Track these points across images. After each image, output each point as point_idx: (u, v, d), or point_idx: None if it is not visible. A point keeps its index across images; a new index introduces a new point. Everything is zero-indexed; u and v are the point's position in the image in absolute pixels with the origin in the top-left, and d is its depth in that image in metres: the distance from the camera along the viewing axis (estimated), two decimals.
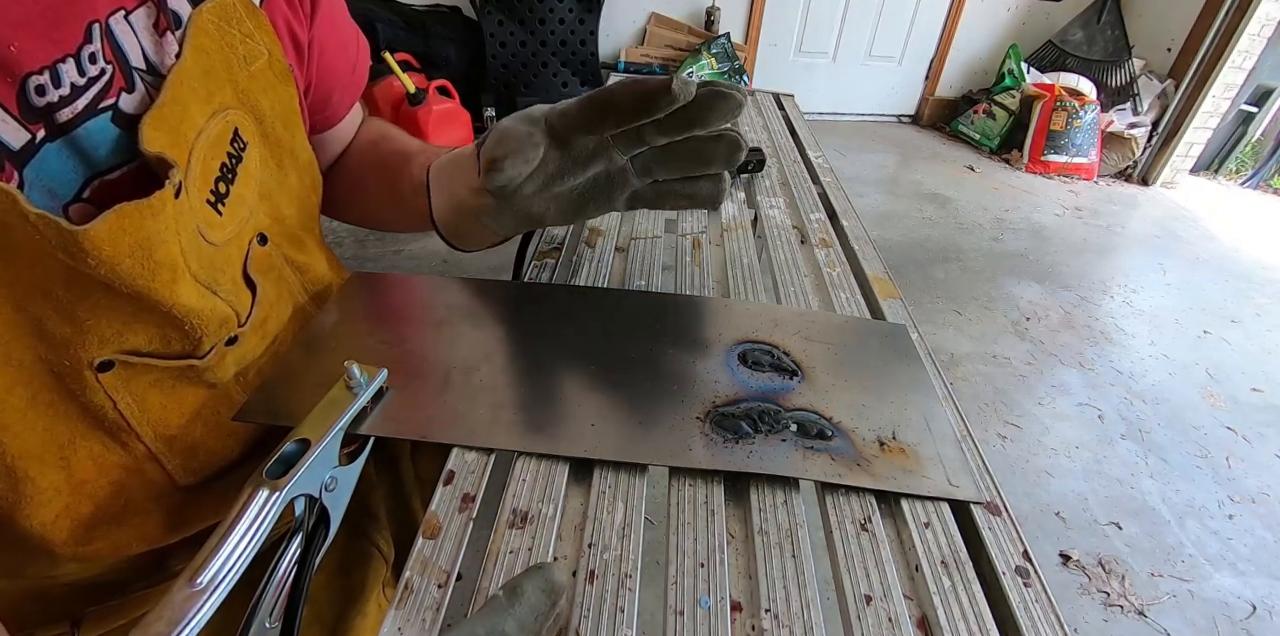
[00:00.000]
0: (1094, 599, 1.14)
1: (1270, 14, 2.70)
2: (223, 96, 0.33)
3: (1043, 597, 0.30)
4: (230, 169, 0.34)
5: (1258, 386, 1.75)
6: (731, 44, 2.83)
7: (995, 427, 1.50)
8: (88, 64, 0.27)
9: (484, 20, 2.48)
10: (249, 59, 0.35)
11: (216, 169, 0.33)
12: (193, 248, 0.31)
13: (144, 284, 0.28)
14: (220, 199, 0.33)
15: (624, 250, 0.56)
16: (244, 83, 0.35)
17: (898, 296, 0.52)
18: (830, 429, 0.37)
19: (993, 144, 3.24)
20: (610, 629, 0.27)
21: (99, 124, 0.28)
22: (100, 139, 0.28)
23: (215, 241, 0.34)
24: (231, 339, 0.36)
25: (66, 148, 0.27)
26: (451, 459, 0.34)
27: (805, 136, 0.91)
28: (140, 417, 0.33)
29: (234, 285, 0.36)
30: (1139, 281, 2.24)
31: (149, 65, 0.30)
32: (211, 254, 0.33)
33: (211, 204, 0.33)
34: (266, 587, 0.26)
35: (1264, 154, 3.22)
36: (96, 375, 0.30)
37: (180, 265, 0.30)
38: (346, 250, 1.92)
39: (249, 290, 0.38)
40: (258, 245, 0.38)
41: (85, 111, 0.27)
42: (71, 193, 0.28)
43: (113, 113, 0.29)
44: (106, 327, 0.29)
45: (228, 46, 0.33)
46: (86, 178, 0.28)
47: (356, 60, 0.48)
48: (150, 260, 0.28)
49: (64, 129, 0.27)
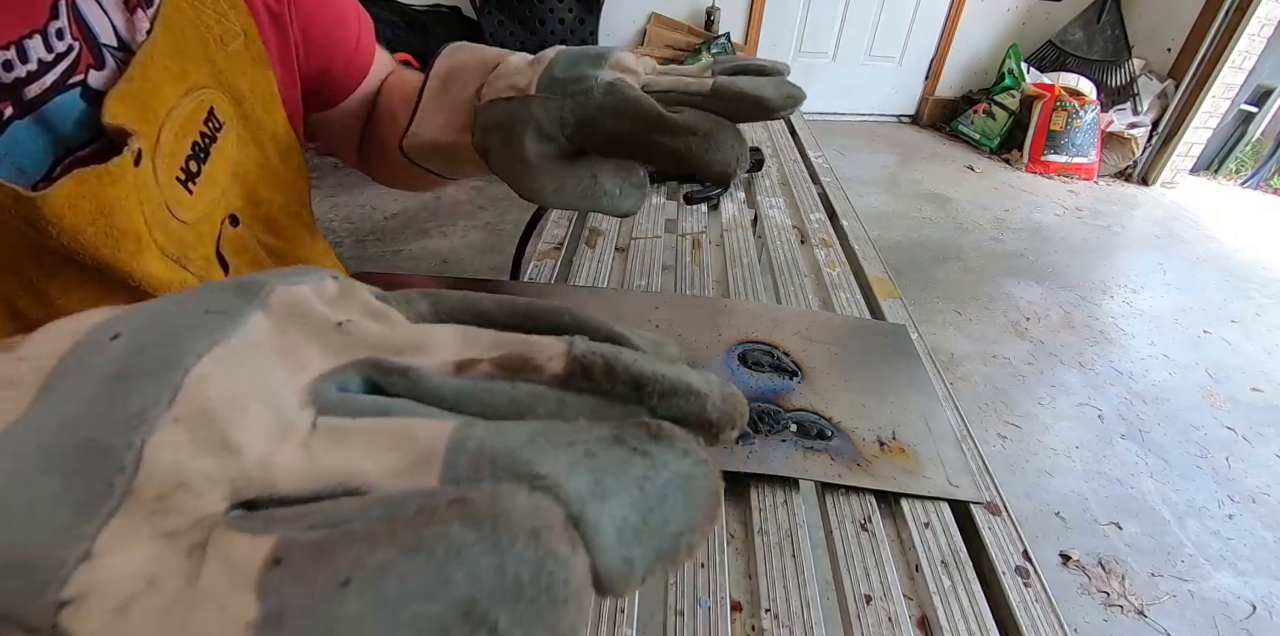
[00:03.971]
0: (1094, 599, 1.14)
1: (1270, 14, 2.70)
2: (198, 75, 0.33)
3: (1043, 597, 0.30)
4: (203, 148, 0.34)
5: (1258, 386, 1.76)
6: (731, 44, 2.84)
7: (995, 427, 1.50)
8: (55, 40, 0.27)
9: (484, 20, 2.48)
10: (225, 39, 0.34)
11: (188, 148, 0.33)
12: (158, 221, 0.31)
13: (109, 254, 0.28)
14: (191, 177, 0.33)
15: (624, 250, 0.56)
16: (221, 63, 0.34)
17: (898, 296, 0.52)
18: (830, 429, 0.37)
19: (993, 144, 3.24)
20: (610, 629, 0.27)
21: (68, 100, 0.28)
22: (69, 115, 0.28)
23: (185, 219, 0.33)
24: None
25: (35, 124, 0.27)
26: None
27: (805, 136, 0.91)
28: None
29: (206, 262, 0.35)
30: (1139, 281, 2.24)
31: (120, 42, 0.30)
32: (180, 230, 0.33)
33: (182, 182, 0.32)
34: None
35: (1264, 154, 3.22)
36: None
37: (145, 236, 0.30)
38: (346, 250, 1.92)
39: (222, 270, 0.37)
40: (229, 226, 0.38)
41: (53, 87, 0.27)
42: (41, 170, 0.28)
43: (82, 89, 0.28)
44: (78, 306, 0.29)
45: (203, 26, 0.33)
46: (57, 155, 0.28)
47: (358, 31, 0.47)
48: (113, 228, 0.28)
49: (32, 105, 0.27)
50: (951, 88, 3.56)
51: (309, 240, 0.46)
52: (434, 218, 2.12)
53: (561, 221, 0.59)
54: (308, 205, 0.46)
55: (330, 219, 2.08)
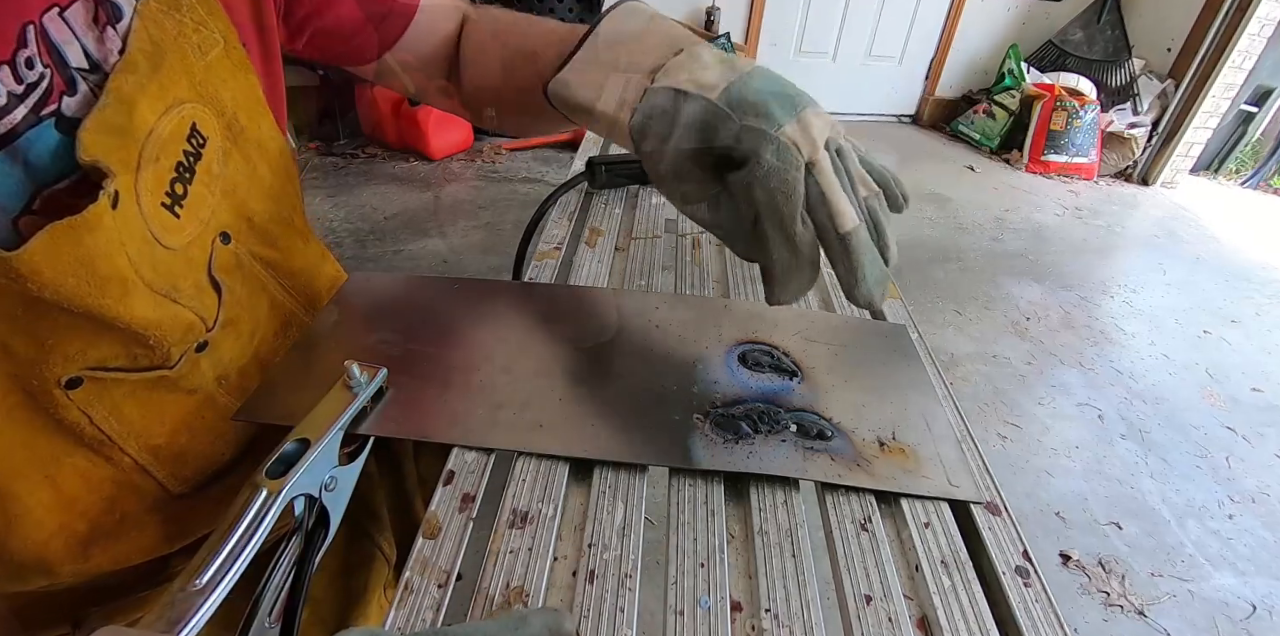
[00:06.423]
0: (1094, 599, 1.14)
1: (1270, 14, 2.70)
2: (177, 90, 0.31)
3: (1043, 597, 0.30)
4: (188, 168, 0.32)
5: (1258, 386, 1.76)
6: (731, 44, 2.83)
7: (995, 427, 1.50)
8: (24, 70, 0.26)
9: None
10: (204, 49, 0.33)
11: (172, 169, 0.31)
12: (144, 256, 0.30)
13: (94, 302, 0.27)
14: (177, 201, 0.32)
15: (624, 250, 0.56)
16: (200, 74, 0.33)
17: (897, 297, 0.52)
18: (830, 429, 0.37)
19: (993, 144, 3.24)
20: (610, 629, 0.27)
21: (41, 133, 0.27)
22: (44, 148, 0.27)
23: (173, 246, 0.32)
24: (201, 345, 0.35)
25: (8, 160, 0.26)
26: (451, 459, 0.34)
27: None
28: (121, 430, 0.32)
29: (196, 289, 0.34)
30: (1139, 281, 2.24)
31: (91, 63, 0.28)
32: (169, 259, 0.32)
33: (168, 207, 0.31)
34: (266, 588, 0.26)
35: (1264, 154, 3.22)
36: (66, 393, 0.29)
37: (130, 277, 0.29)
38: (346, 250, 1.92)
39: (215, 292, 0.36)
40: (221, 244, 0.36)
41: (25, 121, 0.26)
42: (19, 205, 0.27)
43: (55, 119, 0.27)
44: (69, 345, 0.28)
45: (180, 36, 0.31)
46: (34, 189, 0.27)
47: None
48: (95, 277, 0.27)
49: (4, 141, 0.26)
50: (951, 88, 3.56)
51: (303, 246, 0.46)
52: (434, 218, 2.12)
53: (562, 221, 0.59)
54: (300, 210, 0.45)
55: (330, 219, 2.07)
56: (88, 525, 0.32)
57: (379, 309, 0.45)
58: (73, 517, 0.32)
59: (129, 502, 0.34)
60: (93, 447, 0.32)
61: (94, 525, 0.33)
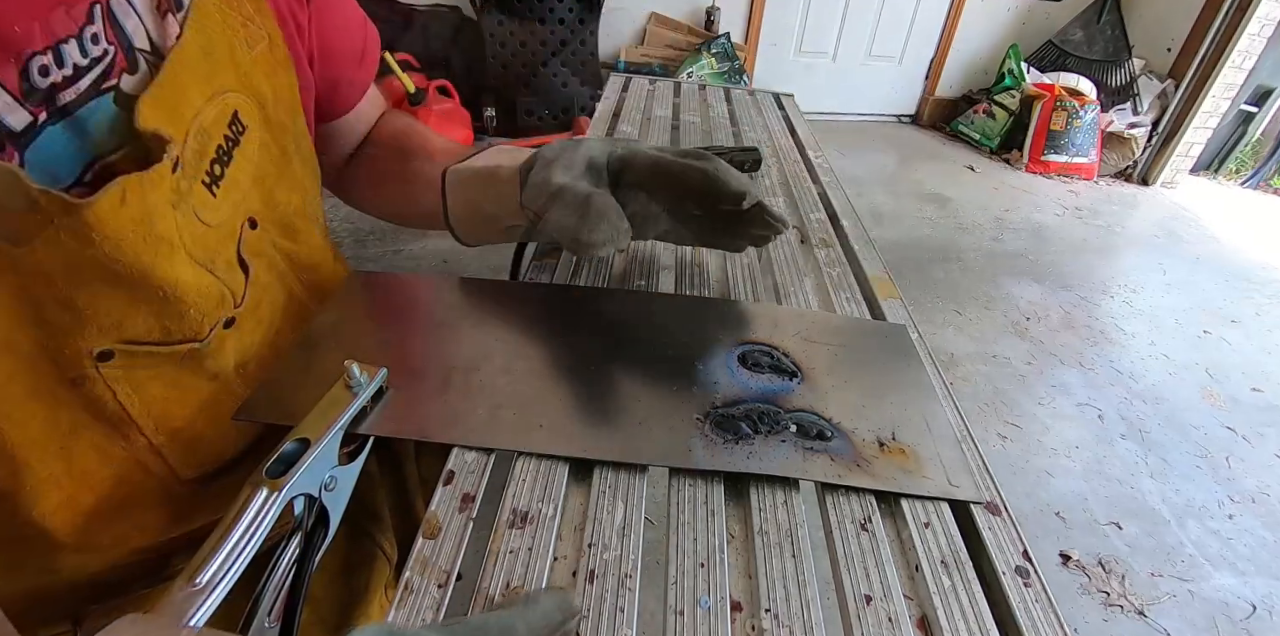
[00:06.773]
0: (1094, 599, 1.14)
1: (1270, 14, 2.70)
2: (224, 79, 0.33)
3: (1043, 597, 0.30)
4: (226, 151, 0.34)
5: (1258, 386, 1.76)
6: (731, 44, 2.84)
7: (995, 427, 1.50)
8: (90, 44, 0.27)
9: (484, 20, 2.48)
10: (251, 43, 0.35)
11: (212, 151, 0.33)
12: (188, 225, 0.31)
13: (147, 260, 0.29)
14: (215, 181, 0.33)
15: (624, 250, 0.56)
16: (246, 66, 0.35)
17: (897, 296, 0.52)
18: (830, 429, 0.37)
19: (993, 144, 3.24)
20: (610, 629, 0.27)
21: (101, 105, 0.28)
22: (102, 120, 0.28)
23: (210, 222, 0.34)
24: (229, 321, 0.36)
25: (68, 130, 0.27)
26: (451, 459, 0.34)
27: (805, 136, 0.91)
28: (141, 410, 0.33)
29: (228, 265, 0.36)
30: (1139, 281, 2.24)
31: (152, 46, 0.31)
32: (204, 233, 0.33)
33: (207, 185, 0.33)
34: (266, 587, 0.26)
35: (1264, 154, 3.22)
36: (97, 365, 0.30)
37: (176, 241, 0.30)
38: (346, 250, 1.92)
39: (243, 272, 0.38)
40: (249, 229, 0.38)
41: (87, 92, 0.28)
42: (73, 176, 0.28)
43: (115, 93, 0.29)
44: (105, 317, 0.29)
45: (229, 29, 0.33)
46: (88, 161, 0.28)
47: (365, 46, 0.48)
48: (151, 234, 0.28)
49: (65, 111, 0.27)
50: (951, 88, 3.56)
51: (320, 242, 0.47)
52: None
53: None
54: (320, 207, 0.47)
55: (330, 219, 2.06)
56: (95, 499, 0.33)
57: (379, 309, 0.45)
58: (81, 490, 0.32)
59: (137, 482, 0.35)
60: (112, 424, 0.32)
61: (101, 499, 0.33)
